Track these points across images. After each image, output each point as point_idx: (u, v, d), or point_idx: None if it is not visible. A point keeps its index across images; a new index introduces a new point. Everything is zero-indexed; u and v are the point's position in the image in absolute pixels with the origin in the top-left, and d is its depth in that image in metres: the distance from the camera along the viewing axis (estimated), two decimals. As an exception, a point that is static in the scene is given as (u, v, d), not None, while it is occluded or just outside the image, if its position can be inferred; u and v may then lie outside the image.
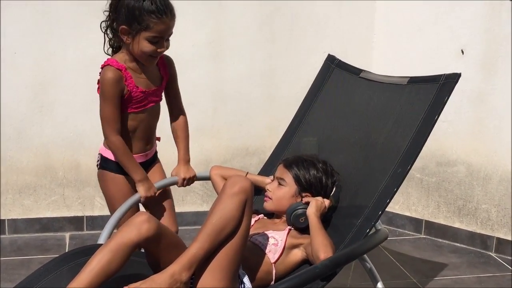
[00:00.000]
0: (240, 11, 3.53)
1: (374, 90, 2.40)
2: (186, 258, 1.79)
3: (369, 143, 2.28)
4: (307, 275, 1.85)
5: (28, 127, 3.42)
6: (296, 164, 2.23)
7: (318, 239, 2.00)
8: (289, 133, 2.63)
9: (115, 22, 2.21)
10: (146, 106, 2.31)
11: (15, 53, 3.33)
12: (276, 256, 2.06)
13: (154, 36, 2.15)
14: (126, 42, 2.19)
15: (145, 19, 2.11)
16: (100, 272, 1.72)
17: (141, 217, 1.80)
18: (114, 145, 2.28)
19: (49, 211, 3.55)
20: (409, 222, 3.72)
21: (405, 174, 2.05)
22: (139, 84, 2.25)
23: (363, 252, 2.04)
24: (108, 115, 2.24)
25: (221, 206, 1.85)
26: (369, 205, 2.07)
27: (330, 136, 2.48)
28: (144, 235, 1.77)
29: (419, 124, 2.12)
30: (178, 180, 2.46)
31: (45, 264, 1.94)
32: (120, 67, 2.21)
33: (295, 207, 2.15)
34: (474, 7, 3.33)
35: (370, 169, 2.21)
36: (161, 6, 2.11)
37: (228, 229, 1.84)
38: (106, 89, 2.21)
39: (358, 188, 2.21)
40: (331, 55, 2.70)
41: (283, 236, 2.11)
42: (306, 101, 2.66)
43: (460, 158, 3.49)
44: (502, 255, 3.40)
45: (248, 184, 1.89)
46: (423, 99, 2.17)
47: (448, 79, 2.15)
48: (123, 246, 1.75)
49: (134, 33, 2.15)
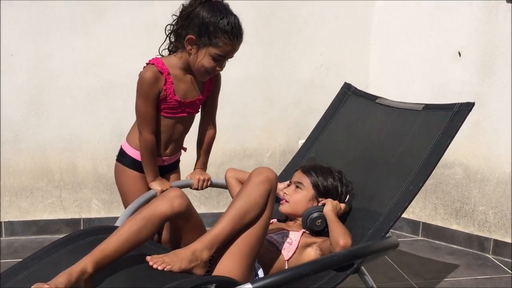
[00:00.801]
0: (237, 13, 3.52)
1: (389, 115, 2.47)
2: (209, 238, 1.85)
3: (382, 162, 2.34)
4: (325, 261, 1.89)
5: (25, 129, 3.41)
6: (314, 170, 2.29)
7: (337, 229, 2.04)
8: (301, 153, 2.66)
9: (182, 29, 2.19)
10: (176, 114, 2.31)
11: (11, 55, 3.32)
12: (290, 254, 2.10)
13: (220, 54, 2.18)
14: (188, 51, 2.19)
15: (217, 37, 2.14)
16: (129, 238, 1.78)
17: (174, 192, 1.87)
18: (145, 142, 2.29)
19: (46, 214, 3.54)
20: (406, 224, 3.73)
21: (417, 191, 2.13)
22: (177, 92, 2.25)
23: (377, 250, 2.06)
24: (144, 113, 2.25)
25: (247, 192, 1.91)
26: (380, 218, 2.13)
27: (343, 155, 2.52)
28: (177, 209, 1.85)
29: (432, 147, 2.19)
30: (193, 182, 2.47)
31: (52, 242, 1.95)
32: (163, 70, 2.21)
33: (312, 210, 2.19)
34: (470, 9, 3.33)
35: (382, 186, 2.26)
36: (235, 29, 2.16)
37: (252, 214, 1.90)
38: (142, 87, 2.22)
39: (370, 203, 2.26)
40: (347, 83, 2.73)
41: (298, 236, 2.16)
42: (321, 122, 2.70)
43: (457, 160, 3.50)
44: (500, 257, 3.40)
45: (274, 175, 1.96)
46: (436, 125, 2.25)
47: (462, 107, 2.25)
48: (154, 217, 1.82)
49: (201, 46, 2.16)
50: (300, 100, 3.66)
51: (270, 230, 2.19)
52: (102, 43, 3.39)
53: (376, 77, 3.70)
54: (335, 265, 1.91)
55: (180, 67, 2.25)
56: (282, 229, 2.20)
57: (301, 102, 3.67)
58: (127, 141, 2.41)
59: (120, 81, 3.41)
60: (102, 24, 3.38)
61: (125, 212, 2.19)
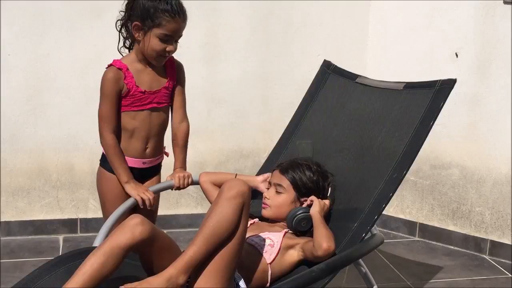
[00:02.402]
0: (234, 14, 3.53)
1: (370, 95, 2.41)
2: (183, 262, 1.79)
3: (365, 147, 2.29)
4: (303, 278, 1.86)
5: (22, 129, 3.41)
6: (292, 169, 2.23)
7: (321, 231, 2.01)
8: (284, 137, 2.63)
9: (129, 21, 2.26)
10: (146, 106, 2.31)
11: (8, 55, 3.32)
12: (272, 257, 2.06)
13: (165, 34, 2.22)
14: (137, 38, 2.25)
15: (159, 17, 2.19)
16: (93, 275, 1.72)
17: (134, 220, 1.79)
18: (106, 143, 2.30)
19: (42, 214, 3.54)
20: (403, 224, 3.73)
21: (401, 179, 2.06)
22: (140, 83, 2.28)
23: (359, 256, 2.04)
24: (104, 113, 2.28)
25: (219, 210, 1.85)
26: (365, 210, 2.08)
27: (325, 140, 2.48)
28: (138, 238, 1.77)
29: (415, 130, 2.13)
30: (174, 181, 2.44)
31: (40, 267, 1.94)
32: (121, 67, 2.27)
33: (296, 212, 2.16)
34: (467, 10, 3.33)
35: (366, 174, 2.22)
36: (175, 6, 2.21)
37: (225, 233, 1.84)
38: (104, 87, 2.27)
39: (353, 193, 2.22)
40: (327, 60, 2.70)
41: (279, 237, 2.11)
42: (301, 106, 2.66)
43: (454, 161, 3.50)
44: (496, 257, 3.41)
45: (246, 188, 1.89)
46: (418, 105, 2.18)
47: (444, 84, 2.17)
48: (116, 249, 1.75)
49: (146, 30, 2.22)
50: (297, 100, 3.65)
51: (251, 230, 2.16)
52: (99, 43, 3.39)
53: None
54: (314, 281, 1.87)
55: (137, 59, 2.30)
56: (263, 231, 2.16)
57: (298, 102, 3.66)
58: None
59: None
60: (99, 24, 3.37)
61: (102, 232, 2.13)
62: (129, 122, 2.31)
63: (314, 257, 1.99)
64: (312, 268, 1.91)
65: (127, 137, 2.33)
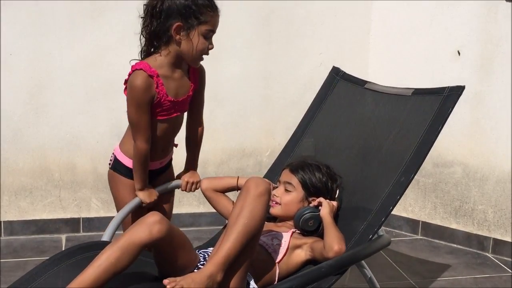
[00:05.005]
0: (236, 12, 3.52)
1: (378, 101, 2.44)
2: (222, 259, 1.81)
3: (373, 151, 2.31)
4: (313, 274, 1.88)
5: (24, 128, 3.41)
6: (302, 169, 2.25)
7: (333, 233, 2.02)
8: (292, 142, 2.64)
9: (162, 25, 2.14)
10: (171, 115, 2.25)
11: (10, 55, 3.32)
12: (279, 256, 2.08)
13: (211, 30, 2.16)
14: (178, 41, 2.14)
15: (203, 13, 2.12)
16: (107, 269, 1.73)
17: (153, 218, 1.79)
18: (139, 152, 2.22)
19: (45, 213, 3.54)
20: (405, 223, 3.73)
21: (409, 183, 2.09)
22: (169, 92, 2.19)
23: (367, 254, 2.06)
24: (139, 122, 2.18)
25: (250, 207, 1.87)
26: (372, 212, 2.10)
27: (334, 144, 2.50)
28: (155, 236, 1.77)
29: (423, 135, 2.16)
30: (181, 183, 2.44)
31: (49, 258, 1.94)
32: (152, 73, 2.14)
33: (303, 211, 2.17)
34: (470, 8, 3.33)
35: (373, 177, 2.24)
36: (212, 0, 2.16)
37: (256, 230, 1.87)
38: (136, 95, 2.14)
39: (361, 195, 2.24)
40: (335, 67, 2.70)
41: (287, 237, 2.13)
42: (310, 111, 2.67)
43: (456, 159, 3.49)
44: (499, 256, 3.40)
45: (269, 185, 1.94)
46: (427, 111, 2.21)
47: (452, 91, 2.20)
48: (132, 246, 1.76)
49: (191, 29, 2.12)
50: (299, 99, 3.66)
51: None
52: (101, 42, 3.39)
53: (375, 76, 3.68)
54: (323, 277, 1.89)
55: (167, 64, 2.19)
56: (271, 230, 2.17)
57: (300, 101, 3.67)
58: (122, 150, 2.34)
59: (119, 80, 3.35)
60: (101, 23, 3.37)
61: (111, 226, 2.15)
62: (153, 129, 2.25)
63: (324, 259, 1.99)
64: (321, 264, 1.93)
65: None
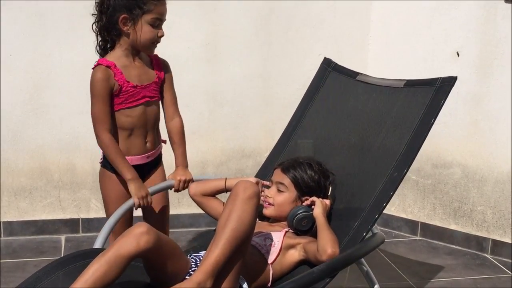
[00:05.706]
0: (236, 13, 3.53)
1: (370, 93, 2.41)
2: (210, 266, 1.79)
3: (366, 146, 2.29)
4: (304, 279, 1.86)
5: (24, 129, 3.41)
6: (293, 168, 2.23)
7: (326, 235, 2.01)
8: (285, 136, 2.63)
9: (111, 19, 2.24)
10: (139, 101, 2.31)
11: (10, 55, 3.32)
12: (273, 257, 2.06)
13: (156, 18, 2.23)
14: (126, 31, 2.23)
15: (146, 3, 2.20)
16: (95, 283, 1.70)
17: (140, 229, 1.76)
18: (104, 143, 2.29)
19: (44, 214, 3.54)
20: (405, 224, 3.73)
21: (402, 178, 2.06)
22: (130, 79, 2.28)
23: (360, 256, 2.04)
24: (98, 113, 2.28)
25: (239, 211, 1.85)
26: (365, 209, 2.08)
27: (326, 139, 2.48)
28: (143, 247, 1.74)
29: (416, 128, 2.13)
30: (174, 183, 2.44)
31: (42, 268, 1.93)
32: (109, 64, 2.25)
33: (296, 211, 2.16)
34: (469, 9, 3.33)
35: (367, 173, 2.22)
36: None
37: (246, 235, 1.86)
38: (95, 87, 2.27)
39: (354, 191, 2.22)
40: (327, 58, 2.69)
41: (280, 237, 2.11)
42: (302, 104, 2.66)
43: (455, 160, 3.50)
44: (498, 256, 3.40)
45: (258, 189, 1.93)
46: (419, 102, 2.18)
47: (444, 82, 2.17)
48: (120, 258, 1.72)
49: (136, 19, 2.21)
50: (299, 100, 3.65)
51: None
52: (101, 43, 3.39)
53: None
54: (314, 282, 1.87)
55: (123, 55, 2.29)
56: (264, 231, 2.15)
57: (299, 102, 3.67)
58: None
59: (119, 81, 3.41)
60: (101, 24, 3.37)
61: (102, 233, 2.12)
62: (126, 120, 2.31)
63: (317, 261, 1.98)
64: (312, 269, 1.91)
65: (126, 136, 2.33)
